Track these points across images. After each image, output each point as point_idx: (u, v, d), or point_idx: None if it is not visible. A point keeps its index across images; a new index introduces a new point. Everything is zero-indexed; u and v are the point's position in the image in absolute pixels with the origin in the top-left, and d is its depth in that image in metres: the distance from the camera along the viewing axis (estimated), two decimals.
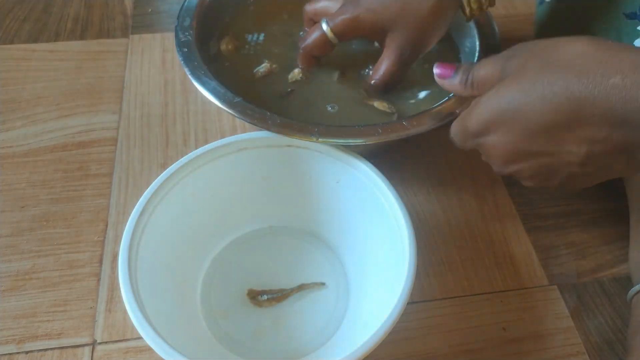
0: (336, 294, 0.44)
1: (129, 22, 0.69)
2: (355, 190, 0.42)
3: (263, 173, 0.44)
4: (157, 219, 0.38)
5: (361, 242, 0.43)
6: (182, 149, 0.54)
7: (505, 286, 0.46)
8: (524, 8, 0.72)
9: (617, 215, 0.50)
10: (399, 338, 0.43)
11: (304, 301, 0.43)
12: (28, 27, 0.67)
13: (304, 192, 0.45)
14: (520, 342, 0.43)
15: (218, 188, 0.43)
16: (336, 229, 0.46)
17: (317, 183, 0.44)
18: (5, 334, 0.42)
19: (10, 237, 0.48)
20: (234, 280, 0.44)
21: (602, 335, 0.44)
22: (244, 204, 0.46)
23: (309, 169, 0.43)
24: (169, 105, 0.59)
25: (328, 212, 0.45)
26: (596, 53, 0.30)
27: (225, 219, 0.45)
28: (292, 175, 0.44)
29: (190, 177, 0.41)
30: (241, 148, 0.42)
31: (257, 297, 0.43)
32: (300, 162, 0.43)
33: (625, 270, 0.47)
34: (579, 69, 0.29)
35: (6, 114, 0.57)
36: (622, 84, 0.28)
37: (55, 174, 0.52)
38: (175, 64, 0.63)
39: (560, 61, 0.30)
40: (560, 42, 0.32)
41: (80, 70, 0.62)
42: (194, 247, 0.43)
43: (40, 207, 0.50)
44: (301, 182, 0.45)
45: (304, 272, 0.45)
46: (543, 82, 0.30)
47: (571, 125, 0.30)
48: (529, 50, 0.33)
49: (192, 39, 0.46)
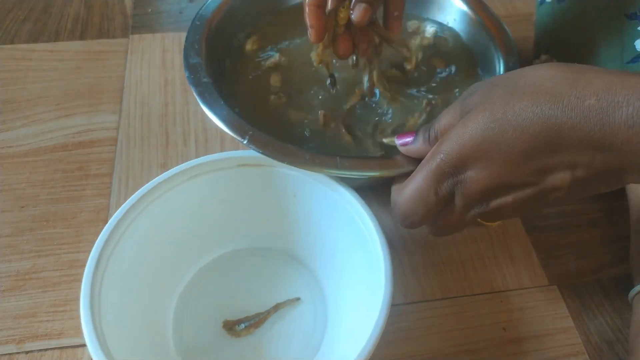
0: (313, 310, 0.42)
1: (129, 22, 0.69)
2: (320, 203, 0.41)
3: (224, 195, 0.42)
4: (118, 257, 0.37)
5: (334, 256, 0.42)
6: (182, 148, 0.54)
7: (505, 286, 0.46)
8: (524, 8, 0.72)
9: (617, 215, 0.50)
10: (399, 338, 0.43)
11: (283, 322, 0.42)
12: (28, 27, 0.67)
13: (267, 210, 0.44)
14: (520, 342, 0.43)
15: (182, 215, 0.41)
16: (307, 244, 0.44)
17: (279, 199, 0.43)
18: (5, 334, 0.42)
19: (10, 237, 0.48)
20: (207, 312, 0.42)
21: (602, 335, 0.44)
22: (209, 229, 0.44)
23: (267, 186, 0.42)
24: (169, 105, 0.59)
25: (295, 228, 0.44)
26: (566, 75, 0.29)
27: (190, 247, 0.43)
28: (254, 194, 0.43)
29: (151, 206, 0.39)
30: (199, 173, 0.40)
31: (234, 327, 0.41)
32: (259, 180, 0.42)
33: (625, 270, 0.47)
34: (551, 92, 0.28)
35: (6, 114, 0.57)
36: (598, 105, 0.27)
37: (55, 174, 0.52)
38: (175, 64, 0.63)
39: (529, 87, 0.29)
40: (524, 70, 0.31)
41: (80, 70, 0.62)
42: (160, 282, 0.41)
43: (40, 207, 0.50)
44: (262, 200, 0.43)
45: (279, 291, 0.43)
46: (514, 109, 0.29)
47: (552, 151, 0.29)
48: (489, 83, 0.32)
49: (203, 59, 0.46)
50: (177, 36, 0.66)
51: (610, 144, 0.27)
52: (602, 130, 0.27)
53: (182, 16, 0.70)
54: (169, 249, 0.41)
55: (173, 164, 0.53)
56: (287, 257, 0.45)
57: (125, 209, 0.37)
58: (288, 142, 0.39)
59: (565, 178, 0.29)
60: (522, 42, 0.49)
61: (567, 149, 0.28)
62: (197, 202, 0.42)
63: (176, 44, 0.66)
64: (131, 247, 0.38)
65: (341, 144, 0.44)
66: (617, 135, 0.27)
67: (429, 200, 0.32)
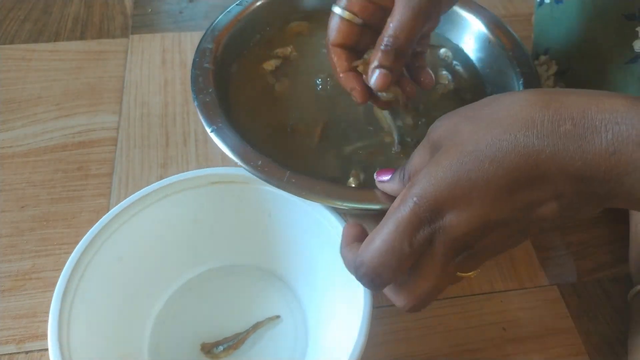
0: (294, 329, 0.41)
1: (129, 22, 0.69)
2: (296, 219, 0.40)
3: (197, 214, 0.41)
4: (87, 283, 0.35)
5: (313, 272, 0.41)
6: (182, 148, 0.54)
7: (505, 286, 0.46)
8: (524, 8, 0.72)
9: (617, 215, 0.50)
10: (398, 338, 0.43)
11: (262, 341, 0.40)
12: (28, 27, 0.67)
13: (242, 227, 0.42)
14: (520, 342, 0.43)
15: (154, 236, 0.40)
16: (285, 260, 0.43)
17: (254, 215, 0.42)
18: (5, 334, 0.42)
19: (10, 237, 0.48)
20: (184, 335, 0.40)
21: (602, 335, 0.44)
22: (183, 249, 0.42)
23: (241, 202, 0.41)
24: (169, 105, 0.59)
25: (272, 244, 0.43)
26: (537, 98, 0.26)
27: (164, 268, 0.42)
28: (228, 212, 0.42)
29: (121, 229, 0.38)
30: (170, 193, 0.39)
31: (212, 350, 0.40)
32: (232, 197, 0.41)
33: (625, 270, 0.47)
34: (523, 118, 0.26)
35: (6, 114, 0.57)
36: (575, 131, 0.25)
37: (55, 174, 0.52)
38: (175, 64, 0.63)
39: (498, 114, 0.27)
40: (490, 98, 0.29)
41: (80, 70, 0.62)
42: (134, 306, 0.40)
43: (40, 207, 0.50)
44: (237, 217, 0.42)
45: (258, 309, 0.42)
46: (486, 140, 0.26)
47: (534, 182, 0.26)
48: (454, 115, 0.30)
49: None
50: (177, 36, 0.66)
51: (592, 174, 0.25)
52: (583, 158, 0.25)
53: (182, 16, 0.70)
54: (141, 272, 0.40)
55: (173, 164, 0.53)
56: (266, 274, 0.44)
57: (94, 233, 0.36)
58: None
59: (553, 208, 0.27)
60: (522, 42, 0.49)
61: (549, 179, 0.26)
62: (169, 223, 0.40)
63: (176, 44, 0.66)
64: (101, 272, 0.36)
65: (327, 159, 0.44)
66: (599, 164, 0.25)
67: (403, 252, 0.27)
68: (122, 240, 0.38)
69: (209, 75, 0.45)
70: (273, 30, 0.53)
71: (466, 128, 0.27)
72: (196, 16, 0.70)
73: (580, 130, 0.25)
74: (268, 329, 0.41)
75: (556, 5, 0.51)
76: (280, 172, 0.38)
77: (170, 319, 0.41)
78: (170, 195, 0.39)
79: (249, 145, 0.40)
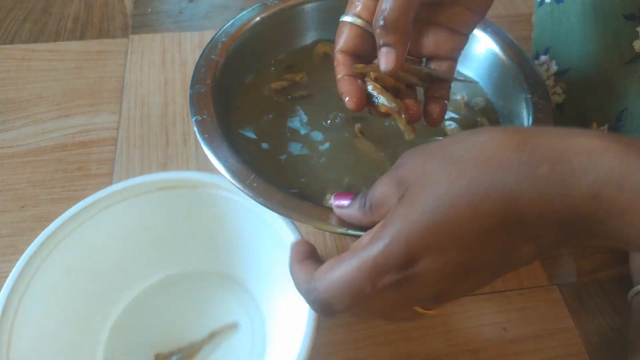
0: (251, 336, 0.40)
1: (129, 22, 0.69)
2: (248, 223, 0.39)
3: (146, 222, 0.40)
4: (33, 297, 0.34)
5: (270, 277, 0.40)
6: (182, 148, 0.55)
7: (505, 286, 0.46)
8: (524, 8, 0.72)
9: None
10: (398, 338, 0.43)
11: (218, 351, 0.39)
12: (28, 27, 0.67)
13: (196, 232, 0.41)
14: (520, 342, 0.43)
15: (103, 246, 0.39)
16: (242, 264, 0.42)
17: (207, 220, 0.41)
18: None
19: (10, 237, 0.48)
20: (139, 346, 0.39)
21: (602, 335, 0.44)
22: (135, 258, 0.41)
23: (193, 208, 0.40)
24: (169, 105, 0.59)
25: (228, 249, 0.42)
26: (508, 138, 0.25)
27: (116, 278, 0.40)
28: (179, 218, 0.40)
29: (67, 239, 0.36)
30: (116, 201, 0.38)
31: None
32: (183, 202, 0.40)
33: (625, 270, 0.47)
34: (498, 159, 0.24)
35: (6, 114, 0.57)
36: (553, 175, 0.24)
37: (55, 174, 0.52)
38: (175, 64, 0.63)
39: (470, 154, 0.25)
40: (459, 136, 0.27)
41: (80, 70, 0.62)
42: (85, 318, 0.38)
43: (40, 207, 0.50)
44: (190, 223, 0.41)
45: (215, 316, 0.40)
46: (461, 182, 0.25)
47: (512, 227, 0.25)
48: (420, 153, 0.28)
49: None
50: (177, 36, 0.66)
51: (573, 218, 0.24)
52: (564, 201, 0.23)
53: (182, 16, 0.70)
54: (92, 283, 0.39)
55: (173, 164, 0.53)
56: (224, 279, 0.42)
57: (37, 244, 0.35)
58: None
59: (530, 251, 0.26)
60: (522, 42, 0.49)
61: (528, 224, 0.24)
62: (118, 231, 0.39)
63: (176, 44, 0.66)
64: (47, 285, 0.35)
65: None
66: (580, 208, 0.23)
67: (363, 292, 0.26)
68: (70, 249, 0.36)
69: (211, 65, 0.45)
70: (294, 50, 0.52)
71: (436, 168, 0.26)
72: (196, 16, 0.70)
73: (558, 175, 0.23)
74: (225, 337, 0.40)
75: (556, 5, 0.51)
76: (246, 174, 0.37)
77: (126, 329, 0.40)
78: (116, 204, 0.38)
79: (226, 143, 0.39)
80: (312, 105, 0.48)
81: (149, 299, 0.41)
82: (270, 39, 0.51)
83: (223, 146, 0.39)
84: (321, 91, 0.49)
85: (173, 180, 0.38)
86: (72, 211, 0.36)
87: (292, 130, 0.46)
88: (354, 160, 0.44)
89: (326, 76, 0.48)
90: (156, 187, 0.38)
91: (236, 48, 0.48)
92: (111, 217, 0.38)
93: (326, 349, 0.41)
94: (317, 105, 0.48)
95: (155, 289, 0.42)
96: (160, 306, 0.41)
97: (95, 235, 0.38)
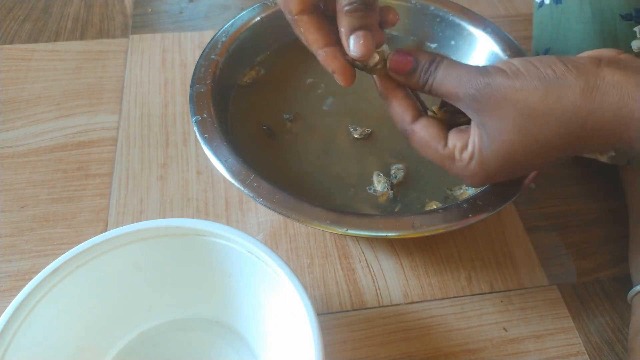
0: None
1: (129, 22, 0.69)
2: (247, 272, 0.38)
3: (145, 268, 0.39)
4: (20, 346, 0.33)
5: (270, 329, 0.39)
6: (182, 148, 0.54)
7: (505, 286, 0.46)
8: (524, 8, 0.72)
9: (617, 215, 0.50)
10: (398, 338, 0.43)
11: None
12: (28, 27, 0.67)
13: (195, 280, 0.40)
14: (520, 342, 0.43)
15: (97, 292, 0.37)
16: (241, 314, 0.41)
17: (207, 268, 0.39)
18: None
19: (10, 237, 0.48)
20: None
21: (602, 335, 0.44)
22: (130, 304, 0.40)
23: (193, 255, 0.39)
24: (169, 105, 0.59)
25: (227, 297, 0.41)
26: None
27: (111, 325, 0.39)
28: (178, 265, 0.39)
29: (60, 285, 0.35)
30: (116, 246, 0.37)
31: None
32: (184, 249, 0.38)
33: (625, 270, 0.47)
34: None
35: (6, 114, 0.57)
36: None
37: (55, 174, 0.52)
38: (175, 64, 0.63)
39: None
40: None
41: (80, 70, 0.62)
42: None
43: (40, 207, 0.50)
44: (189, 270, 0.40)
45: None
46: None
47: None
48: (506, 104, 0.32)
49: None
50: (177, 36, 0.66)
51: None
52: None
53: (182, 16, 0.70)
54: (84, 330, 0.37)
55: (173, 164, 0.53)
56: (219, 327, 0.41)
57: (27, 291, 0.33)
58: None
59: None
60: (522, 42, 0.49)
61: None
62: (113, 277, 0.38)
63: (176, 44, 0.66)
64: (36, 333, 0.34)
65: None
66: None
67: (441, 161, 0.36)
68: (62, 295, 0.35)
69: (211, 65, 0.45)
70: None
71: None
72: (196, 16, 0.70)
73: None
74: None
75: (555, 6, 0.51)
76: (246, 174, 0.38)
77: None
78: (112, 250, 0.37)
79: (226, 142, 0.39)
80: None
81: (141, 348, 0.40)
82: (270, 39, 0.51)
83: (223, 146, 0.39)
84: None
85: (174, 228, 0.37)
86: (72, 253, 0.35)
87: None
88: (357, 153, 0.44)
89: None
90: (153, 234, 0.37)
91: (236, 48, 0.48)
92: (106, 263, 0.37)
93: (326, 349, 0.41)
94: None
95: (147, 336, 0.40)
96: (152, 355, 0.40)
97: (89, 281, 0.36)
